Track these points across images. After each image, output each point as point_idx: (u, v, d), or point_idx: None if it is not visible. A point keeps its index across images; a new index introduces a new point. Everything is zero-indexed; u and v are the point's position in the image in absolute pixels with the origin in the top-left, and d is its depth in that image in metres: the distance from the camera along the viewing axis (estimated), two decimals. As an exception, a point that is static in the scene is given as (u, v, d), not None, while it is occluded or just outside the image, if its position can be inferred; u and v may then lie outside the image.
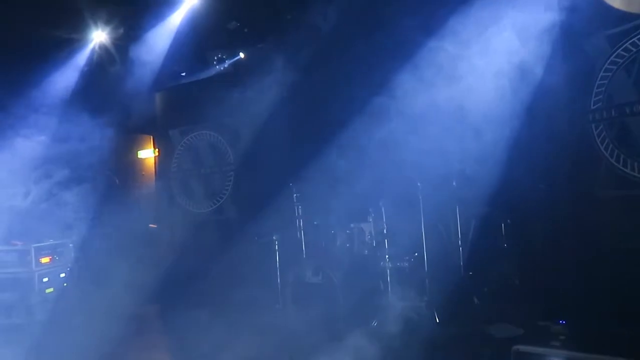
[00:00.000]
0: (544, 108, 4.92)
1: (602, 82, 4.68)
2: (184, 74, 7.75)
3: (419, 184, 5.17)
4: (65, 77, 7.30)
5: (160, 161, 8.39)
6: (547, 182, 5.27)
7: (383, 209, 5.24)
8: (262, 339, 5.17)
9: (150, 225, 8.56)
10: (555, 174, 5.24)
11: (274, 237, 5.98)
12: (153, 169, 9.41)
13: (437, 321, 4.86)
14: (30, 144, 6.68)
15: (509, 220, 5.45)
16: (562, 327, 3.87)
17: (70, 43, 7.18)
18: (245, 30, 7.18)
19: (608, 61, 4.63)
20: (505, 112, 4.85)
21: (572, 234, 4.99)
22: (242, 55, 7.38)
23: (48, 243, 6.67)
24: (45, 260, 6.53)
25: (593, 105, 4.75)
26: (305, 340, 5.09)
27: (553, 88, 4.85)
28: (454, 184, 5.28)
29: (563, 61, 4.82)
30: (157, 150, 8.85)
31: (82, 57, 7.41)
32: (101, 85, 7.41)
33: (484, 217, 5.39)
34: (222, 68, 7.40)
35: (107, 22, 7.00)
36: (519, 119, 4.88)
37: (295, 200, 5.98)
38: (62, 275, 6.74)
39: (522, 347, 3.56)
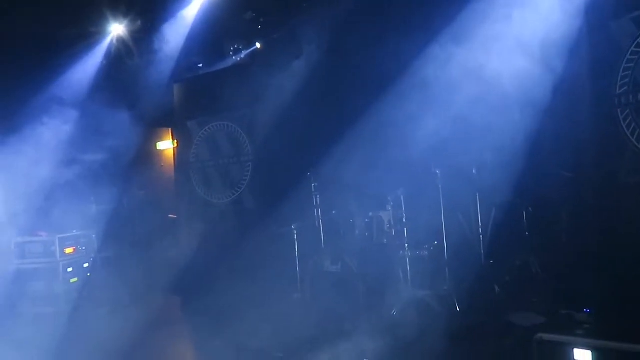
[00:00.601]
0: (568, 93, 4.80)
1: (628, 65, 4.55)
2: (201, 65, 7.77)
3: (438, 172, 5.10)
4: (84, 71, 7.38)
5: (179, 152, 8.45)
6: (571, 168, 5.17)
7: (402, 198, 5.19)
8: (280, 328, 5.20)
9: (170, 215, 8.66)
10: (579, 160, 5.13)
11: (292, 227, 5.99)
12: (172, 161, 9.50)
13: (458, 310, 4.82)
14: (51, 137, 6.79)
15: (530, 208, 5.35)
16: (587, 315, 3.80)
17: (88, 36, 7.25)
18: (262, 20, 7.15)
19: (634, 44, 4.49)
20: (528, 97, 4.75)
21: (596, 221, 4.89)
22: (258, 45, 7.36)
23: (72, 234, 6.81)
24: (69, 250, 6.66)
25: (619, 90, 4.63)
26: (324, 328, 5.11)
27: (578, 72, 4.73)
28: (474, 171, 5.20)
29: (588, 45, 4.69)
30: (175, 141, 8.92)
31: (100, 50, 7.48)
32: (119, 78, 7.47)
33: (505, 205, 5.30)
34: (238, 58, 7.39)
35: (125, 15, 7.04)
36: (542, 104, 4.77)
37: (313, 190, 5.98)
38: (86, 265, 6.87)
39: (545, 336, 3.50)
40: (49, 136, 6.79)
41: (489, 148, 5.20)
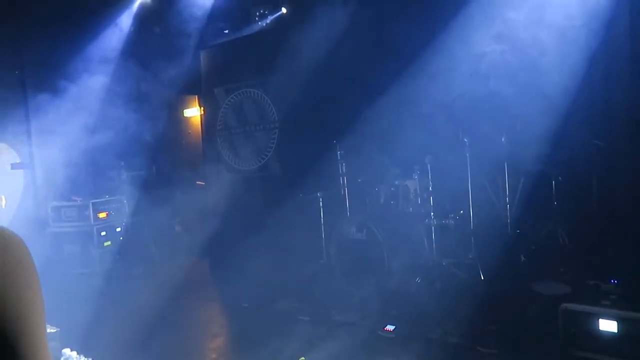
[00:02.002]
0: (603, 61, 4.64)
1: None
2: (227, 31, 7.74)
3: (466, 140, 5.04)
4: (113, 37, 7.44)
5: (206, 120, 8.52)
6: (603, 137, 5.04)
7: (429, 166, 5.17)
8: (304, 293, 5.33)
9: (198, 182, 8.82)
10: (611, 129, 5.00)
11: (318, 194, 6.05)
12: (199, 128, 9.60)
13: (483, 278, 4.85)
14: (81, 103, 6.93)
15: (560, 178, 5.27)
16: (613, 286, 3.78)
17: (115, 4, 7.28)
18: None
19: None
20: (560, 66, 4.61)
21: (627, 192, 4.80)
22: (284, 10, 7.27)
23: (104, 199, 7.02)
24: (102, 215, 6.89)
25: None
26: (348, 293, 5.23)
27: (614, 41, 4.56)
28: (503, 140, 5.12)
29: (628, 13, 4.49)
30: (202, 108, 8.98)
31: (127, 17, 7.52)
32: (147, 44, 7.51)
33: (534, 174, 5.23)
34: (264, 24, 7.33)
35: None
36: (575, 72, 4.63)
37: (339, 158, 5.99)
38: (118, 229, 7.11)
39: (571, 305, 3.51)
40: (80, 103, 6.93)
41: (518, 116, 5.11)
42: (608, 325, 3.30)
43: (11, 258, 0.78)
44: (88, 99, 6.99)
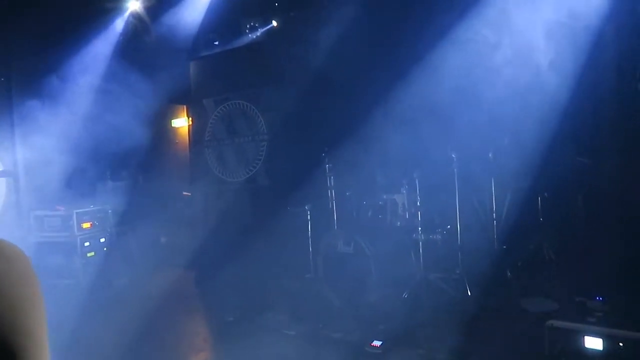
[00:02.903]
0: (588, 78, 4.72)
1: (652, 51, 4.45)
2: (217, 42, 7.74)
3: (453, 156, 5.08)
4: (102, 47, 7.40)
5: (194, 130, 8.48)
6: (588, 154, 5.12)
7: (417, 181, 5.19)
8: (291, 307, 5.29)
9: (184, 193, 8.75)
10: (596, 146, 5.07)
11: (306, 207, 6.02)
12: (186, 138, 9.55)
13: (469, 294, 4.85)
14: (69, 112, 6.86)
15: (546, 194, 5.33)
16: (600, 303, 3.81)
17: (105, 12, 7.24)
18: (278, -3, 7.09)
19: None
20: (546, 81, 4.68)
21: (612, 209, 4.86)
22: (274, 23, 7.30)
23: (89, 209, 6.92)
24: (86, 225, 6.78)
25: (641, 76, 4.54)
26: (335, 307, 5.19)
27: (599, 58, 4.64)
28: (490, 156, 5.17)
29: (611, 28, 4.58)
30: (190, 119, 8.95)
31: (117, 27, 7.49)
32: (136, 54, 7.48)
33: (520, 190, 5.28)
34: (254, 36, 7.34)
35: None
36: (561, 88, 4.70)
37: (327, 171, 5.98)
38: (102, 240, 7.00)
39: (557, 322, 3.53)
40: (67, 111, 6.87)
41: (505, 132, 5.16)
42: (594, 343, 3.32)
43: (14, 271, 0.76)
44: (74, 108, 6.92)
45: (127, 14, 7.35)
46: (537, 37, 4.66)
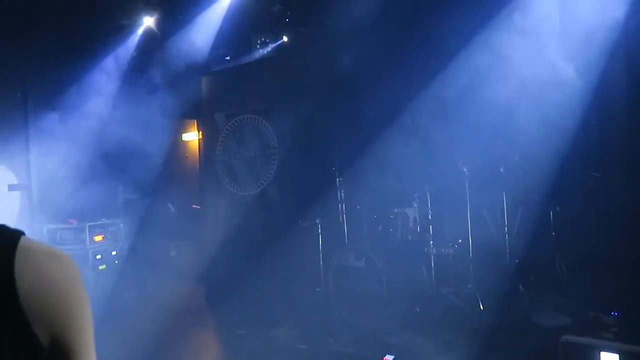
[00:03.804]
0: (600, 91, 4.74)
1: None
2: (228, 57, 7.85)
3: (465, 170, 5.09)
4: (114, 63, 7.52)
5: (205, 144, 8.55)
6: (599, 169, 5.11)
7: (428, 195, 5.20)
8: (302, 321, 5.28)
9: (194, 206, 8.79)
10: (608, 160, 5.07)
11: (316, 221, 6.04)
12: (196, 152, 9.62)
13: (482, 308, 4.82)
14: (82, 126, 6.96)
15: (558, 208, 5.31)
16: (614, 318, 3.78)
17: (119, 28, 7.38)
18: (289, 13, 7.18)
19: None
20: (558, 96, 4.70)
21: (625, 223, 4.83)
22: (285, 38, 7.40)
23: (101, 222, 6.98)
24: (98, 238, 6.83)
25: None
26: (346, 322, 5.18)
27: (611, 72, 4.66)
28: (501, 170, 5.17)
29: (624, 46, 4.61)
30: (200, 133, 9.03)
31: (130, 43, 7.62)
32: (148, 70, 7.60)
33: (532, 204, 5.27)
34: (265, 52, 7.44)
35: (156, 7, 7.16)
36: (572, 103, 4.72)
37: (337, 185, 6.00)
38: (114, 253, 7.04)
39: (571, 338, 3.50)
40: (80, 126, 6.96)
41: (517, 147, 5.17)
42: (609, 358, 3.28)
43: (68, 275, 0.83)
44: (88, 123, 7.02)
45: (140, 30, 7.48)
46: (550, 52, 4.69)
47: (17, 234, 0.81)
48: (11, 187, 6.81)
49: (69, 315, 0.81)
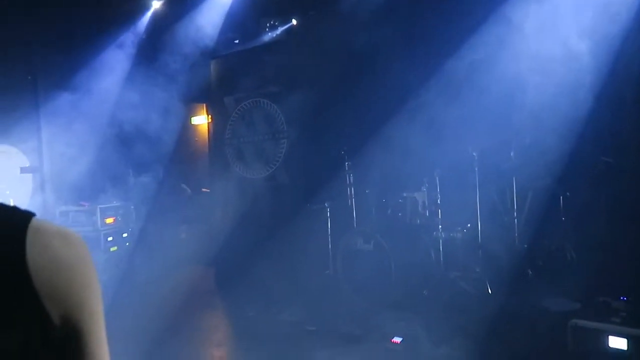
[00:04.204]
0: (613, 77, 4.67)
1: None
2: (237, 41, 7.81)
3: (475, 154, 5.06)
4: (123, 46, 7.52)
5: (214, 128, 8.57)
6: (611, 154, 5.05)
7: (437, 179, 5.19)
8: (310, 303, 5.33)
9: (204, 189, 8.85)
10: (620, 145, 5.01)
11: (325, 204, 6.06)
12: (206, 135, 9.64)
13: (490, 292, 4.84)
14: (92, 110, 6.99)
15: (568, 193, 5.28)
16: (623, 303, 3.78)
17: (128, 12, 7.37)
18: (298, -4, 7.12)
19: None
20: (571, 80, 4.64)
21: (636, 208, 4.79)
22: (294, 21, 7.34)
23: (112, 205, 7.05)
24: (109, 220, 6.91)
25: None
26: (354, 304, 5.22)
27: (624, 55, 4.58)
28: (512, 154, 5.14)
29: (637, 29, 4.52)
30: (209, 116, 9.04)
31: (139, 26, 7.61)
32: (157, 53, 7.59)
33: (542, 189, 5.24)
34: (275, 35, 7.39)
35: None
36: (585, 87, 4.66)
37: (346, 168, 6.01)
38: (125, 235, 7.12)
39: (580, 322, 3.52)
40: (90, 109, 7.00)
41: (527, 131, 5.13)
42: (618, 343, 3.30)
43: (78, 254, 0.82)
44: (98, 106, 7.05)
45: (149, 13, 7.46)
46: (564, 38, 4.62)
47: (28, 215, 0.82)
48: (23, 170, 6.90)
49: (81, 295, 0.82)
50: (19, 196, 6.80)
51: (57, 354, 0.80)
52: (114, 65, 7.30)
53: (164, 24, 7.46)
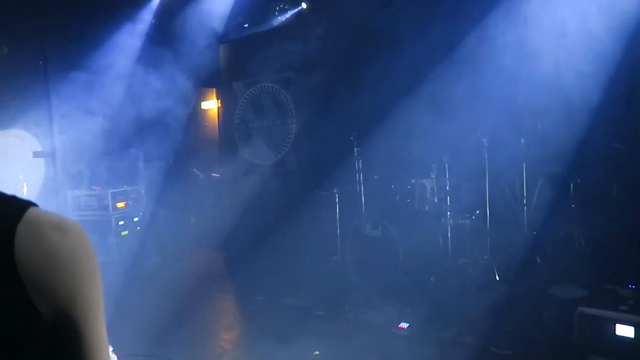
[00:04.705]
0: (625, 61, 4.58)
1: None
2: (246, 25, 7.77)
3: (484, 141, 5.02)
4: (132, 30, 7.52)
5: (224, 113, 8.58)
6: (624, 141, 4.98)
7: (447, 165, 5.16)
8: (318, 288, 5.38)
9: (214, 174, 8.89)
10: (632, 132, 4.93)
11: (334, 190, 6.06)
12: (215, 120, 9.66)
13: (497, 279, 4.84)
14: (102, 96, 7.02)
15: (579, 180, 5.22)
16: (631, 291, 3.76)
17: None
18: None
19: None
20: (581, 67, 4.56)
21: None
22: (304, 5, 7.28)
23: (123, 189, 7.12)
24: (120, 205, 6.99)
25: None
26: (361, 290, 5.26)
27: (636, 41, 4.49)
28: (522, 141, 5.09)
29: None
30: (219, 101, 9.04)
31: (149, 10, 7.59)
32: (167, 37, 7.57)
33: (553, 176, 5.20)
34: (284, 19, 7.34)
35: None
36: (597, 75, 4.58)
37: (356, 154, 5.99)
38: (136, 219, 7.20)
39: (588, 310, 3.51)
40: (101, 93, 7.03)
41: (538, 117, 5.07)
42: (625, 331, 3.29)
43: (75, 243, 0.81)
44: (108, 90, 7.08)
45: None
46: (575, 23, 4.53)
47: (25, 205, 0.79)
48: (36, 154, 6.97)
49: (75, 287, 0.80)
50: (31, 180, 6.89)
51: (48, 347, 0.79)
52: (124, 49, 7.30)
53: (174, 8, 7.43)
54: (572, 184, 5.24)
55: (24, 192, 6.73)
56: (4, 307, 0.74)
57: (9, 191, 0.82)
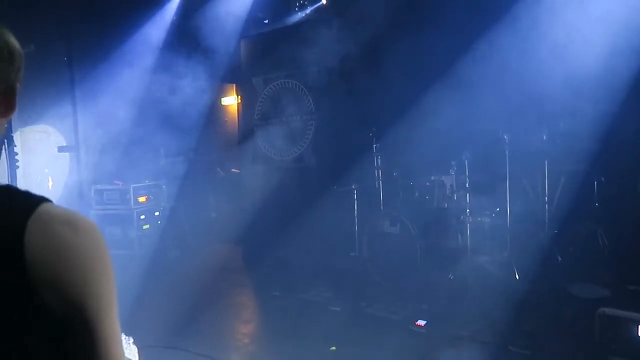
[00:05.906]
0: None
1: None
2: (267, 21, 7.79)
3: (505, 137, 4.96)
4: (155, 27, 7.61)
5: (243, 108, 8.63)
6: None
7: (466, 162, 5.11)
8: (335, 284, 5.39)
9: (233, 169, 8.97)
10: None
11: (352, 187, 6.07)
12: (235, 116, 9.73)
13: (517, 277, 4.79)
14: (125, 92, 7.14)
15: (603, 178, 5.13)
16: (655, 292, 3.69)
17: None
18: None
19: None
20: (606, 63, 4.46)
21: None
22: (324, 1, 7.27)
23: (144, 184, 7.24)
24: (142, 199, 7.11)
25: None
26: (379, 286, 5.25)
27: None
28: (544, 137, 5.01)
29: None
30: (239, 97, 9.10)
31: (170, 7, 7.68)
32: (188, 34, 7.65)
33: (575, 174, 5.11)
34: (304, 15, 7.34)
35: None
36: (621, 71, 4.48)
37: (374, 151, 5.98)
38: (157, 213, 7.32)
39: (609, 310, 3.44)
40: (124, 90, 7.14)
41: (561, 114, 4.98)
42: (648, 332, 3.23)
43: (88, 241, 0.81)
44: (132, 87, 7.19)
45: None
46: (601, 19, 4.43)
47: (37, 201, 0.79)
48: (61, 149, 7.13)
49: (85, 284, 0.79)
50: (56, 174, 7.05)
51: (59, 342, 0.78)
52: (147, 45, 7.40)
53: (196, 4, 7.49)
54: (595, 182, 5.15)
55: (49, 185, 6.90)
56: (12, 301, 0.75)
57: (35, 185, 0.83)
